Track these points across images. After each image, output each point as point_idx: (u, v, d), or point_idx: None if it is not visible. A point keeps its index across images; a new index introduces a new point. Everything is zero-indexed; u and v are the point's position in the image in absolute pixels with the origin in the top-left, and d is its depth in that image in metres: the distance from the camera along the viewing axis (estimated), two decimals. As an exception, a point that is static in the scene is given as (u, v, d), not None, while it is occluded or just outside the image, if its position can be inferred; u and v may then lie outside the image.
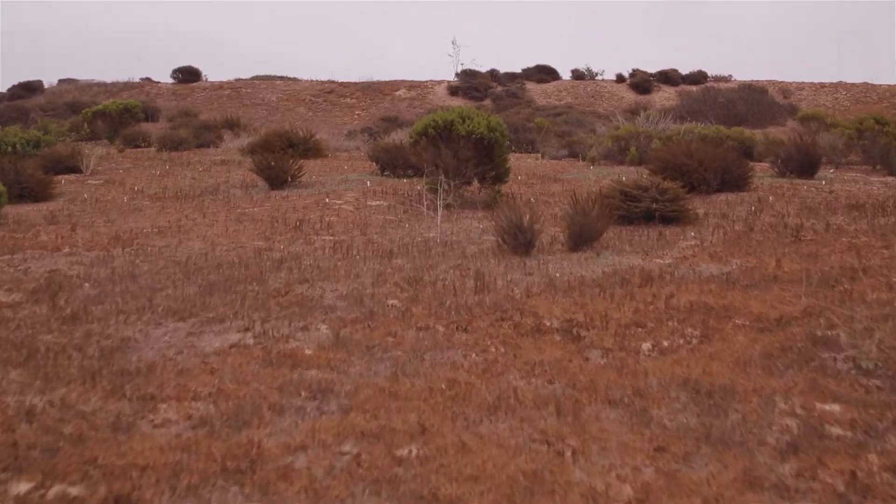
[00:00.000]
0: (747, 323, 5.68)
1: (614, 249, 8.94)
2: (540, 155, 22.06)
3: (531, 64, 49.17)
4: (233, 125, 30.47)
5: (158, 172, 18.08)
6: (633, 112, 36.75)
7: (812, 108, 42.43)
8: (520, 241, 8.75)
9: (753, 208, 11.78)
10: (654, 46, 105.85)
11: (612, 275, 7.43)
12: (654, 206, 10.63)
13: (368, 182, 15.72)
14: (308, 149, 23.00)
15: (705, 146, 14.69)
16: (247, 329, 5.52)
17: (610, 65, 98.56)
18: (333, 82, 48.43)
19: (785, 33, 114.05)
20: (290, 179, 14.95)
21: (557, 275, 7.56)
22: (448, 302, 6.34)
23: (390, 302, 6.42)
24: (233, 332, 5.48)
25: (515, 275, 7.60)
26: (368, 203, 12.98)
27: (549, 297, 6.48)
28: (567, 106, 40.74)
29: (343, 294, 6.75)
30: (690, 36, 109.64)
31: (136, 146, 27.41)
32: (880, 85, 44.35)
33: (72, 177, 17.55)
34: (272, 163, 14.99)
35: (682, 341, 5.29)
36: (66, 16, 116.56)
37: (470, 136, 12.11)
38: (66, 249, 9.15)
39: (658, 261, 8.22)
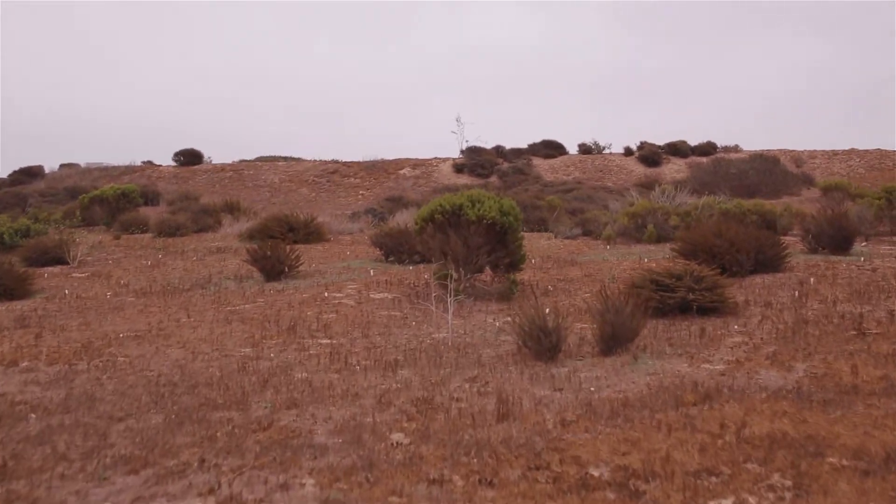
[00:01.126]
0: (846, 463, 4.48)
1: (653, 351, 7.76)
2: (552, 234, 21.02)
3: (537, 139, 48.73)
4: (232, 209, 29.58)
5: (150, 262, 17.03)
6: (645, 186, 35.88)
7: (826, 176, 41.57)
8: (544, 345, 7.58)
9: (797, 293, 10.61)
10: (659, 118, 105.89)
11: (658, 389, 6.24)
12: (691, 296, 9.47)
13: (371, 271, 14.62)
14: (309, 233, 22.01)
15: (735, 224, 13.59)
16: (211, 491, 4.31)
17: (617, 138, 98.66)
18: (337, 162, 47.84)
19: (790, 101, 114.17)
20: (286, 270, 13.86)
21: (593, 389, 6.38)
22: (466, 437, 5.15)
23: (394, 437, 5.23)
24: (192, 495, 4.27)
25: (543, 390, 6.42)
26: (371, 296, 11.86)
27: (589, 427, 5.29)
28: (576, 181, 39.90)
29: (338, 425, 5.56)
30: (695, 107, 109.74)
31: (133, 232, 26.47)
32: (894, 151, 43.60)
33: (57, 269, 16.50)
34: (268, 252, 13.92)
35: (771, 497, 4.08)
36: (71, 100, 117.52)
37: (481, 221, 11.06)
38: (25, 363, 8.00)
39: (707, 366, 7.04)
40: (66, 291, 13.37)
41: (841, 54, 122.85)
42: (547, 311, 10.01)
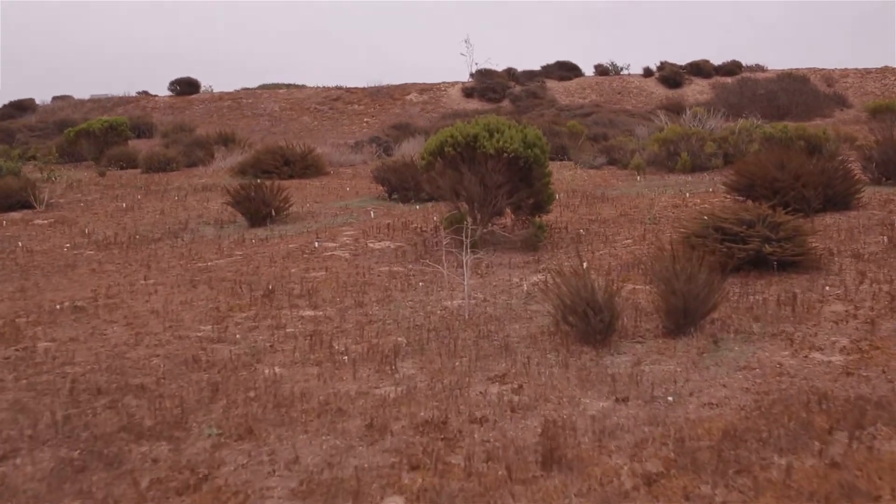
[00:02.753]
0: None
1: (736, 330, 5.87)
2: (575, 164, 18.99)
3: (550, 61, 46.08)
4: (226, 140, 27.51)
5: (125, 205, 15.13)
6: (669, 109, 33.61)
7: (860, 96, 39.11)
8: (593, 325, 5.69)
9: (885, 238, 8.67)
10: (677, 37, 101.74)
11: (767, 403, 4.37)
12: (768, 248, 7.54)
13: (372, 212, 12.69)
14: (306, 166, 20.06)
15: (798, 153, 11.55)
16: None
17: (634, 58, 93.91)
18: (340, 88, 45.46)
19: (814, 17, 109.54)
20: (273, 214, 11.95)
21: (671, 400, 4.52)
22: (500, 509, 3.31)
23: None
24: None
25: (601, 400, 4.57)
26: (370, 246, 9.96)
27: (690, 489, 3.43)
28: (594, 105, 37.54)
29: (304, 480, 3.73)
30: (711, 25, 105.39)
31: (122, 168, 24.57)
32: (932, 68, 41.05)
33: (19, 214, 14.62)
34: (252, 193, 11.99)
35: None
36: (65, 30, 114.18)
37: (500, 154, 9.08)
38: (-83, 354, 6.18)
39: (818, 356, 5.16)
40: (19, 244, 11.51)
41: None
42: (584, 265, 8.13)
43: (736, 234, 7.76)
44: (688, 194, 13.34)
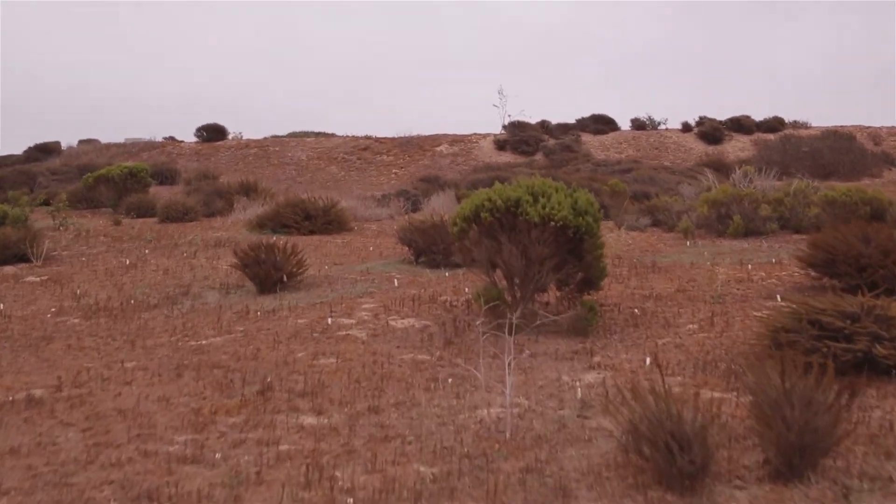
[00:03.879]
0: None
1: (865, 473, 4.44)
2: (617, 226, 17.60)
3: (582, 115, 44.94)
4: (248, 190, 26.40)
5: (129, 261, 13.92)
6: (711, 166, 32.21)
7: (910, 156, 37.52)
8: (679, 466, 4.28)
9: None
10: (708, 93, 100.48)
11: None
12: (879, 349, 6.11)
13: (396, 279, 11.35)
14: (329, 221, 18.88)
15: (886, 227, 10.12)
16: None
17: (670, 113, 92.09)
18: (369, 138, 44.50)
19: (854, 75, 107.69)
20: (284, 279, 10.65)
21: None
22: None
23: None
24: None
25: None
26: (391, 324, 8.61)
27: None
28: (632, 160, 36.18)
29: None
30: (748, 82, 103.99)
31: (141, 216, 23.56)
32: None
33: (13, 269, 13.45)
34: (262, 256, 10.72)
35: None
36: (98, 79, 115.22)
37: (546, 223, 7.74)
38: None
39: None
40: (1, 307, 10.28)
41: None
42: (647, 362, 6.73)
43: (837, 329, 6.33)
44: (750, 266, 11.90)
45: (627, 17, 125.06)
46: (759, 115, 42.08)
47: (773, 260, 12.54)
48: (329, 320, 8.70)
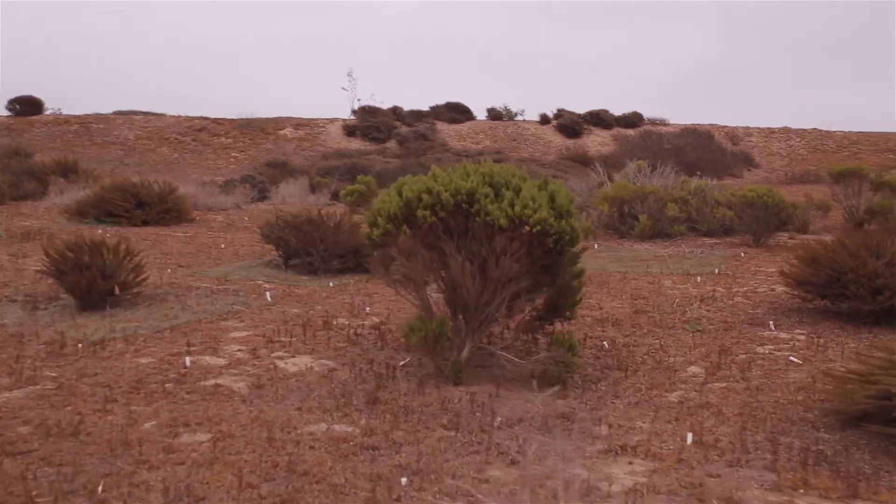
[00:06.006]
0: None
1: None
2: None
3: (438, 101, 42.71)
4: (67, 170, 22.62)
5: None
6: (572, 159, 30.83)
7: (765, 156, 37.58)
8: None
9: None
10: (572, 86, 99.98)
11: None
12: None
13: (269, 293, 8.68)
14: (166, 210, 15.80)
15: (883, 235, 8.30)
16: None
17: (527, 105, 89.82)
18: (205, 118, 40.64)
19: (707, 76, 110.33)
20: (116, 291, 7.79)
21: None
22: None
23: None
24: None
25: None
26: (279, 365, 6.00)
27: None
28: (495, 151, 34.34)
29: None
30: (601, 79, 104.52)
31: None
32: (834, 132, 39.88)
33: None
34: (85, 259, 7.81)
35: None
36: None
37: (517, 227, 5.36)
38: None
39: None
40: None
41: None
42: (689, 439, 4.51)
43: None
44: (699, 278, 9.98)
45: (480, 7, 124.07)
46: (617, 111, 41.20)
47: (717, 270, 10.68)
48: (187, 360, 5.97)
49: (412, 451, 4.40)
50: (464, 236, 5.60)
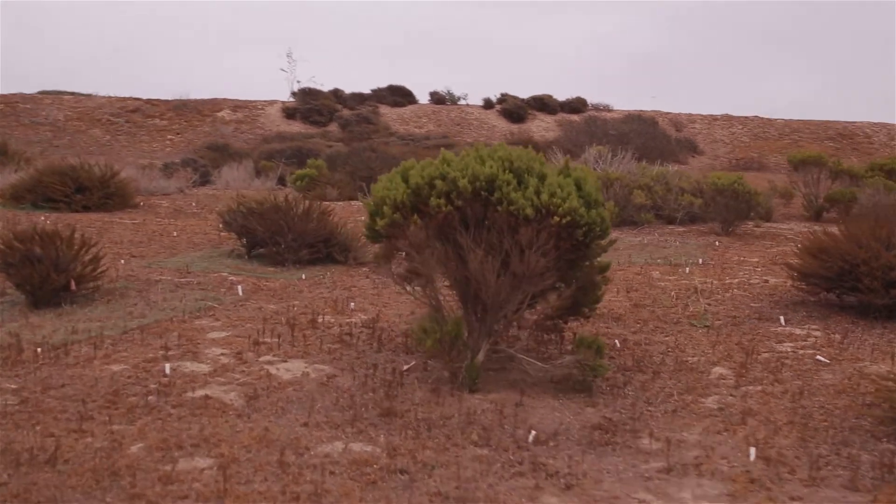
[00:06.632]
0: None
1: None
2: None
3: (380, 84, 41.80)
4: (-5, 152, 21.37)
5: None
6: (515, 144, 30.28)
7: (709, 143, 37.70)
8: None
9: None
10: (514, 70, 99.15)
11: None
12: None
13: (240, 287, 8.01)
14: (108, 195, 14.88)
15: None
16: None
17: (469, 90, 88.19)
18: (138, 99, 39.14)
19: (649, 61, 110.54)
20: (73, 287, 7.05)
21: None
22: None
23: None
24: None
25: None
26: (270, 371, 5.37)
27: None
28: (442, 135, 33.72)
29: None
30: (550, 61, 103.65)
31: None
32: (775, 119, 40.17)
33: None
34: (37, 250, 7.05)
35: None
36: None
37: (545, 217, 4.82)
38: None
39: None
40: None
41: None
42: (752, 455, 4.05)
43: None
44: (687, 269, 9.61)
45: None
46: (560, 96, 40.83)
47: (700, 260, 10.32)
48: (167, 367, 5.30)
49: (448, 475, 3.85)
50: (480, 228, 5.04)
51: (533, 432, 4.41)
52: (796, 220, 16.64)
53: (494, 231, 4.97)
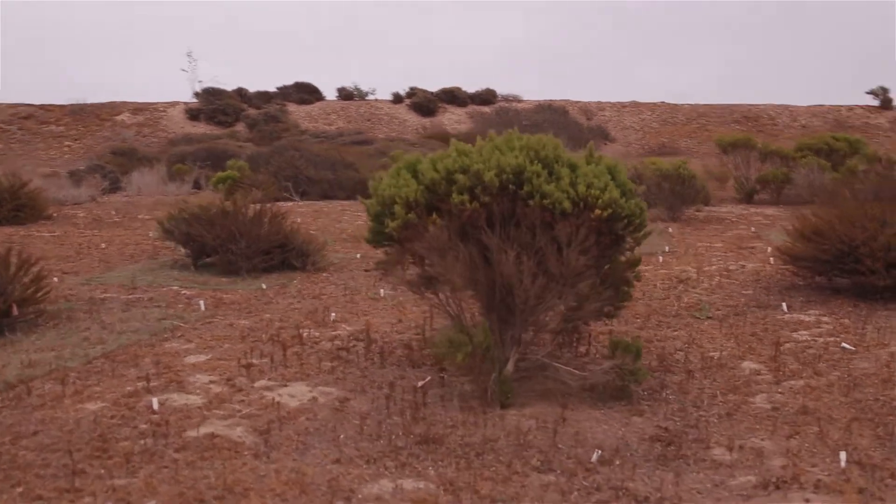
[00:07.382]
0: None
1: None
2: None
3: (285, 82, 40.64)
4: None
5: None
6: (431, 137, 29.89)
7: (619, 129, 37.97)
8: None
9: None
10: (419, 63, 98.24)
11: None
12: None
13: (200, 301, 7.29)
14: (19, 207, 13.78)
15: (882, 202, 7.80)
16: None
17: (377, 84, 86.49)
18: (31, 105, 37.15)
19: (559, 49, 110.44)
20: (15, 311, 6.25)
21: None
22: None
23: None
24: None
25: None
26: (277, 400, 4.74)
27: None
28: (357, 132, 32.97)
29: None
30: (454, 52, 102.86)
31: None
32: (682, 105, 40.78)
33: None
34: (-31, 273, 6.22)
35: None
36: None
37: (583, 211, 4.35)
38: None
39: None
40: None
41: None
42: (843, 461, 3.66)
43: None
44: (660, 257, 9.32)
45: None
46: (470, 88, 40.52)
47: (667, 248, 10.05)
48: (154, 402, 4.62)
49: (523, 512, 3.34)
50: (507, 225, 4.53)
51: (598, 451, 3.93)
52: (730, 202, 16.67)
53: (525, 228, 4.47)
